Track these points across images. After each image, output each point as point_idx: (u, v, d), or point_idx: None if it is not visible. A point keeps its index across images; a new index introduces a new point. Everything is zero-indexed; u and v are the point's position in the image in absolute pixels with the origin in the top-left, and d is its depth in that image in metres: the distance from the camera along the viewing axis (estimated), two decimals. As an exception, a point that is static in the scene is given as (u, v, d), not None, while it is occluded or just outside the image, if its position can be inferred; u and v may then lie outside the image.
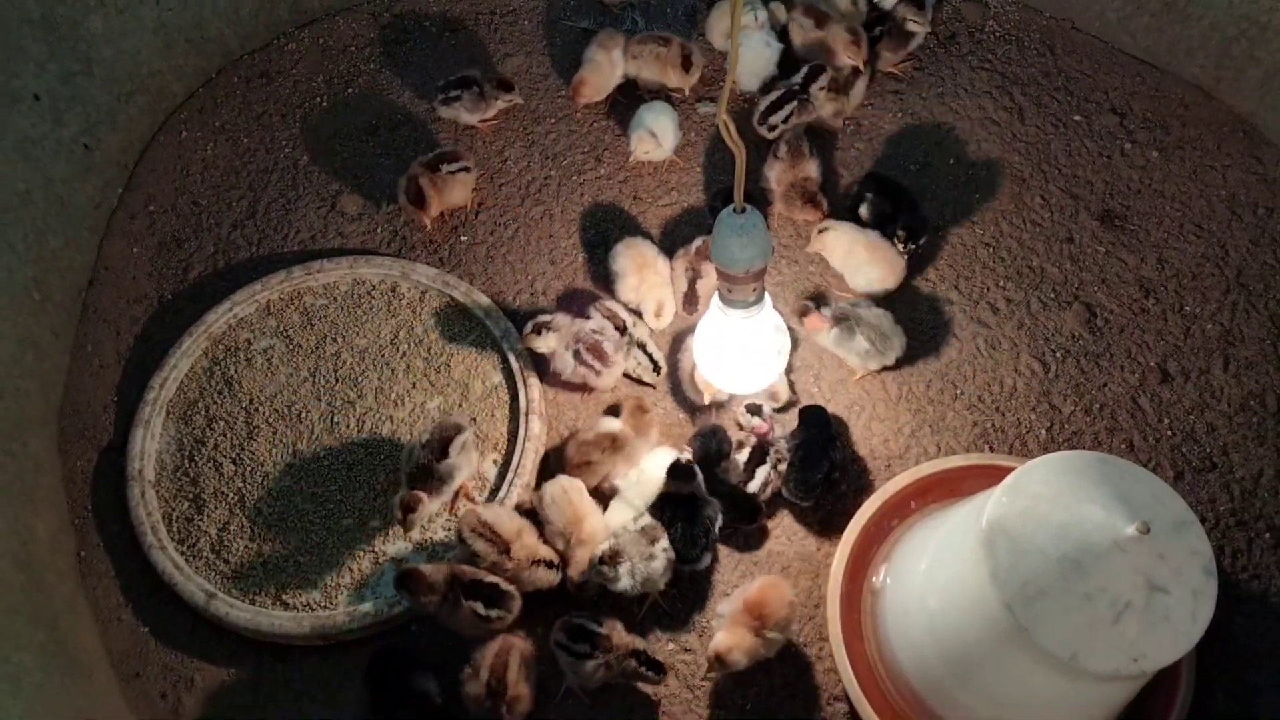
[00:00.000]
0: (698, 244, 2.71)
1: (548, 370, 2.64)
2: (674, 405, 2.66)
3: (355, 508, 2.52)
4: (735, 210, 2.08)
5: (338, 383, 2.69)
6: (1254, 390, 2.59)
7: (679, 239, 2.85)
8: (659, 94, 3.09)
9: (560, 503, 2.35)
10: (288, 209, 3.04)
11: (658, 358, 2.64)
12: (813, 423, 2.48)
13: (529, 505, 2.44)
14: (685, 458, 2.42)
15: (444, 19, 3.37)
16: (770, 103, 2.90)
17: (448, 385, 2.68)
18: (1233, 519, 2.44)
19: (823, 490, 2.45)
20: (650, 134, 2.89)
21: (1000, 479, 1.88)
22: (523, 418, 2.60)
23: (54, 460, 2.67)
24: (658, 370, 2.64)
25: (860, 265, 2.69)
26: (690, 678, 2.33)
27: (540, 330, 2.57)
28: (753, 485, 2.41)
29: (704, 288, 2.67)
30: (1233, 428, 2.55)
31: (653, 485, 2.41)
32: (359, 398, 2.67)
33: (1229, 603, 2.30)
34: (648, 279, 2.70)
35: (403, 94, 3.23)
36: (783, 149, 2.83)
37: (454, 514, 2.49)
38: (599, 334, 2.57)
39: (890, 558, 2.29)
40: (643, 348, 2.64)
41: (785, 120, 2.89)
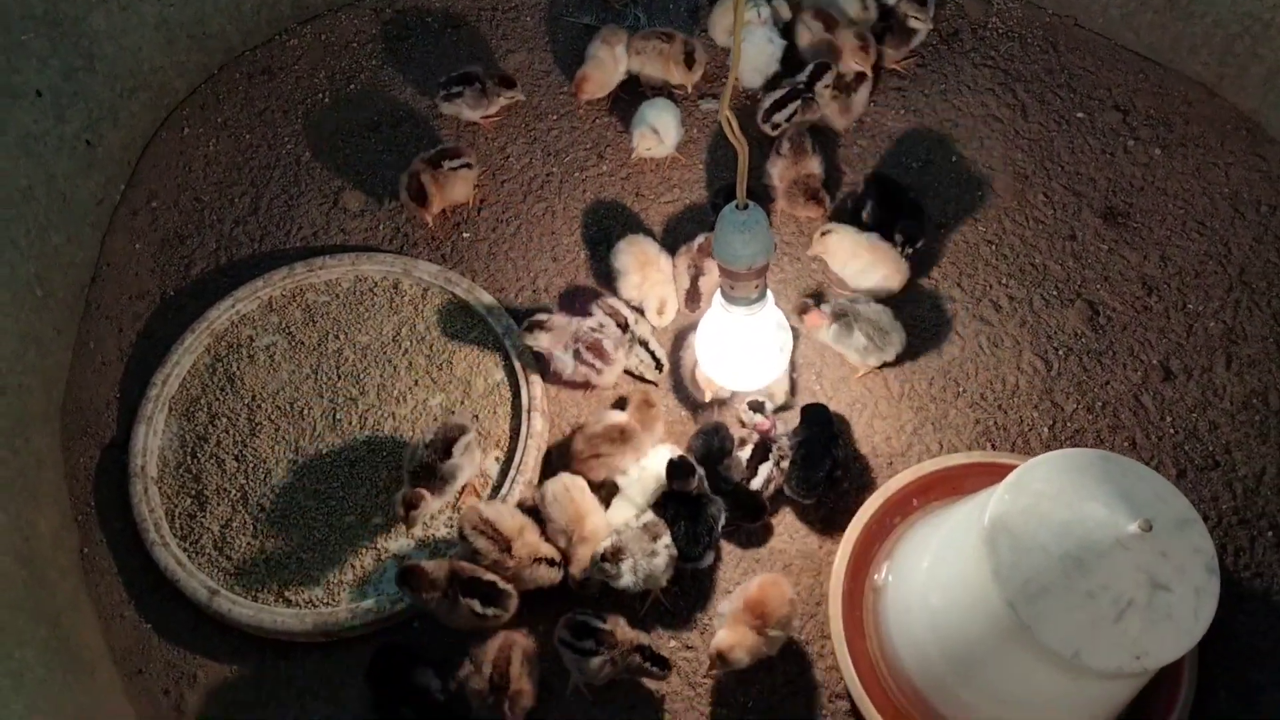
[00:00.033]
0: (700, 241, 2.71)
1: (548, 370, 2.64)
2: (676, 403, 2.66)
3: (357, 504, 2.52)
4: (738, 207, 2.08)
5: (340, 379, 2.69)
6: (1256, 388, 2.59)
7: (681, 236, 2.85)
8: (661, 90, 3.09)
9: (562, 500, 2.35)
10: (290, 205, 3.03)
11: (660, 355, 2.64)
12: (815, 421, 2.48)
13: (531, 502, 2.45)
14: (680, 454, 2.41)
15: (446, 15, 3.37)
16: (774, 100, 2.89)
17: (450, 382, 2.68)
18: (1235, 517, 2.44)
19: (825, 488, 2.45)
20: (652, 131, 2.89)
21: (1002, 477, 1.88)
22: (525, 415, 2.60)
23: (56, 456, 2.67)
24: (660, 368, 2.64)
25: (864, 267, 2.69)
26: (692, 675, 2.33)
27: (533, 329, 2.57)
28: (755, 482, 2.40)
29: (706, 285, 2.67)
30: (1235, 426, 2.55)
31: (654, 482, 2.41)
32: (361, 394, 2.67)
33: (1231, 601, 2.30)
34: (650, 276, 2.70)
35: (405, 90, 3.23)
36: (785, 146, 2.83)
37: (459, 509, 2.49)
38: (598, 332, 2.57)
39: (892, 555, 2.29)
40: (645, 345, 2.63)
41: (789, 118, 2.89)
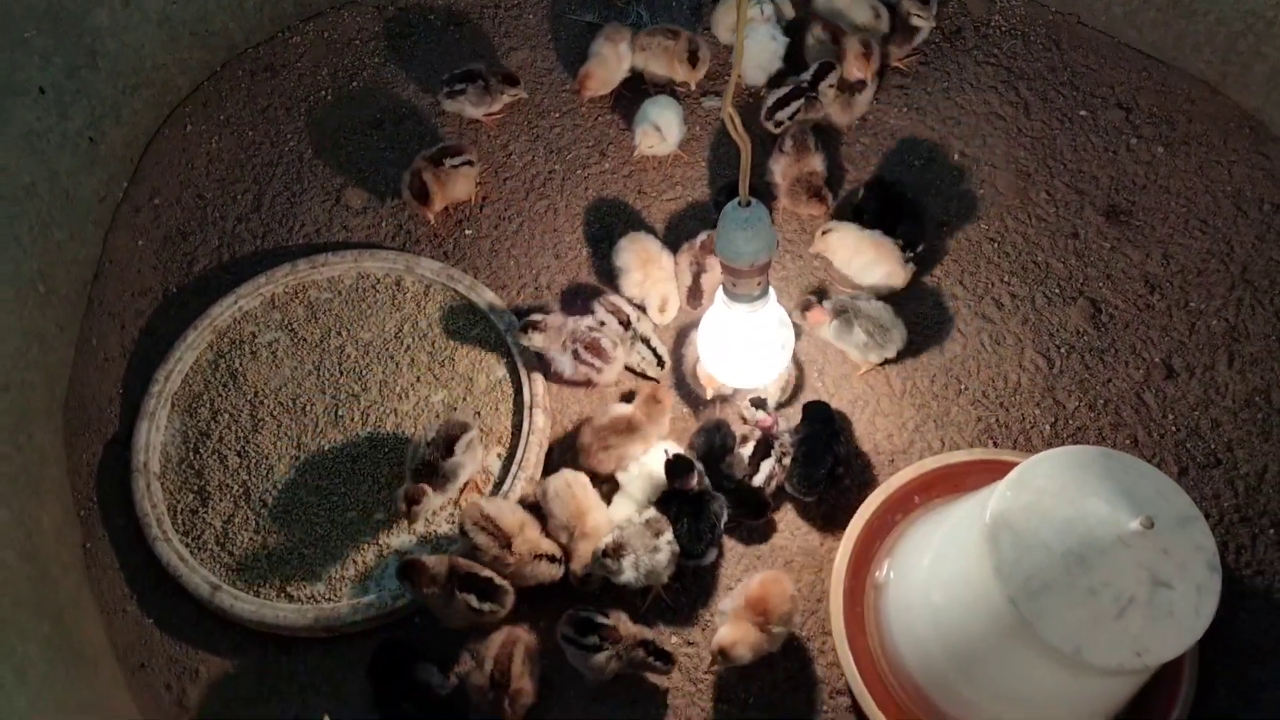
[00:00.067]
0: (702, 238, 2.71)
1: (549, 370, 2.65)
2: (678, 400, 2.66)
3: (359, 501, 2.53)
4: (740, 204, 2.08)
5: (342, 376, 2.70)
6: (1259, 386, 2.59)
7: (683, 234, 2.84)
8: (664, 88, 3.09)
9: (564, 496, 2.35)
10: (292, 202, 3.04)
11: (661, 352, 2.64)
12: (816, 418, 2.48)
13: (533, 499, 2.45)
14: (676, 452, 2.41)
15: (449, 12, 3.37)
16: (778, 98, 2.89)
17: (452, 379, 2.68)
18: (1236, 515, 2.44)
19: (826, 485, 2.45)
20: (655, 128, 2.88)
21: (1004, 474, 1.88)
22: (527, 411, 2.60)
23: (59, 452, 2.68)
24: (661, 365, 2.64)
25: (868, 264, 2.68)
26: (693, 671, 2.34)
27: (528, 330, 2.56)
28: (758, 479, 2.41)
29: (708, 282, 2.67)
30: (1237, 424, 2.55)
31: (656, 478, 2.41)
32: (363, 391, 2.67)
33: (1232, 598, 2.30)
34: (652, 274, 2.70)
35: (407, 87, 3.23)
36: (788, 143, 2.82)
37: (461, 505, 2.50)
38: (595, 330, 2.57)
39: (894, 552, 2.29)
40: (646, 342, 2.63)
41: (791, 117, 2.88)
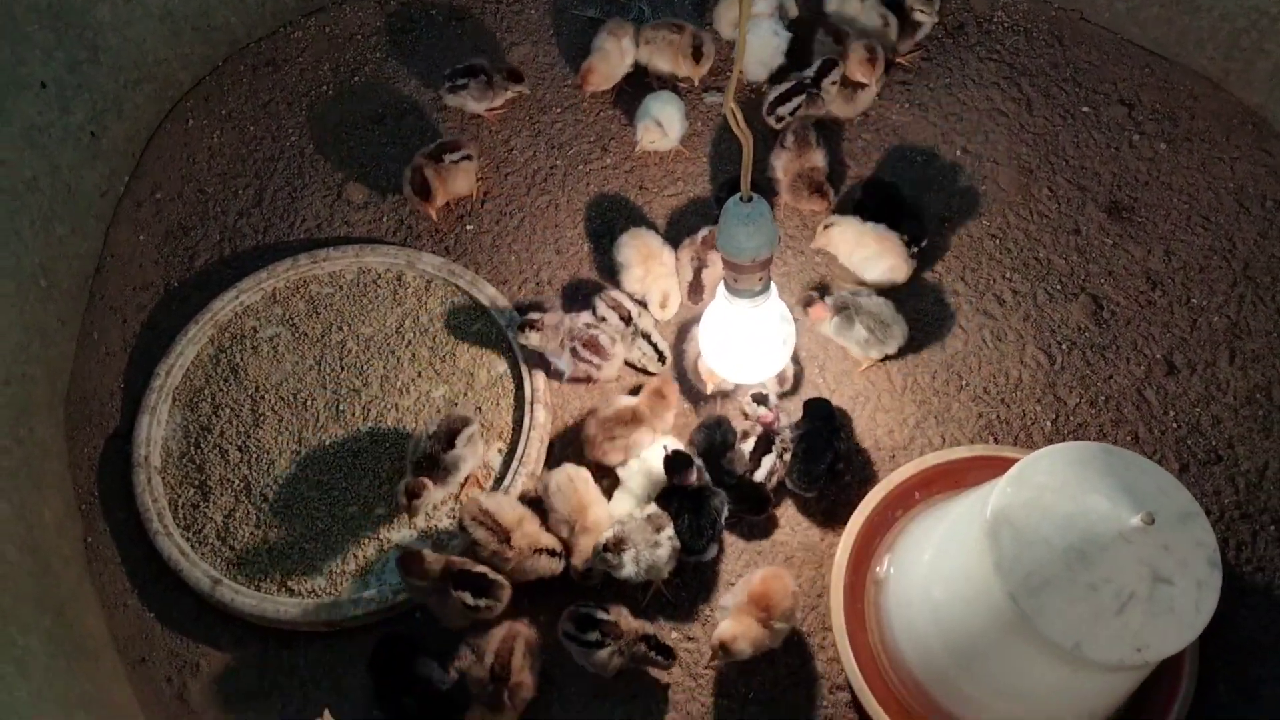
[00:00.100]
0: (704, 234, 2.71)
1: (549, 369, 2.64)
2: (678, 395, 2.66)
3: (360, 495, 2.53)
4: (742, 199, 2.08)
5: (343, 371, 2.70)
6: (1260, 383, 2.59)
7: (685, 229, 2.84)
8: (666, 83, 3.08)
9: (565, 490, 2.35)
10: (294, 197, 3.04)
11: (662, 348, 2.64)
12: (817, 415, 2.48)
13: (534, 494, 2.45)
14: (674, 448, 2.41)
15: (450, 7, 3.37)
16: (780, 94, 2.89)
17: (453, 374, 2.68)
18: (1237, 511, 2.44)
19: (826, 481, 2.45)
20: (656, 124, 2.88)
21: (1005, 470, 1.88)
22: (528, 406, 2.60)
23: (61, 446, 2.68)
24: (662, 360, 2.64)
25: (870, 257, 2.68)
26: (694, 665, 2.34)
27: (525, 329, 2.56)
28: (759, 475, 2.41)
29: (709, 277, 2.67)
30: (1238, 421, 2.54)
31: (655, 475, 2.42)
32: (364, 386, 2.67)
33: (1233, 595, 2.30)
34: (653, 270, 2.70)
35: (409, 82, 3.23)
36: (790, 139, 2.82)
37: (461, 501, 2.50)
38: (594, 328, 2.57)
39: (894, 548, 2.30)
40: (647, 338, 2.63)
41: (793, 112, 2.88)
